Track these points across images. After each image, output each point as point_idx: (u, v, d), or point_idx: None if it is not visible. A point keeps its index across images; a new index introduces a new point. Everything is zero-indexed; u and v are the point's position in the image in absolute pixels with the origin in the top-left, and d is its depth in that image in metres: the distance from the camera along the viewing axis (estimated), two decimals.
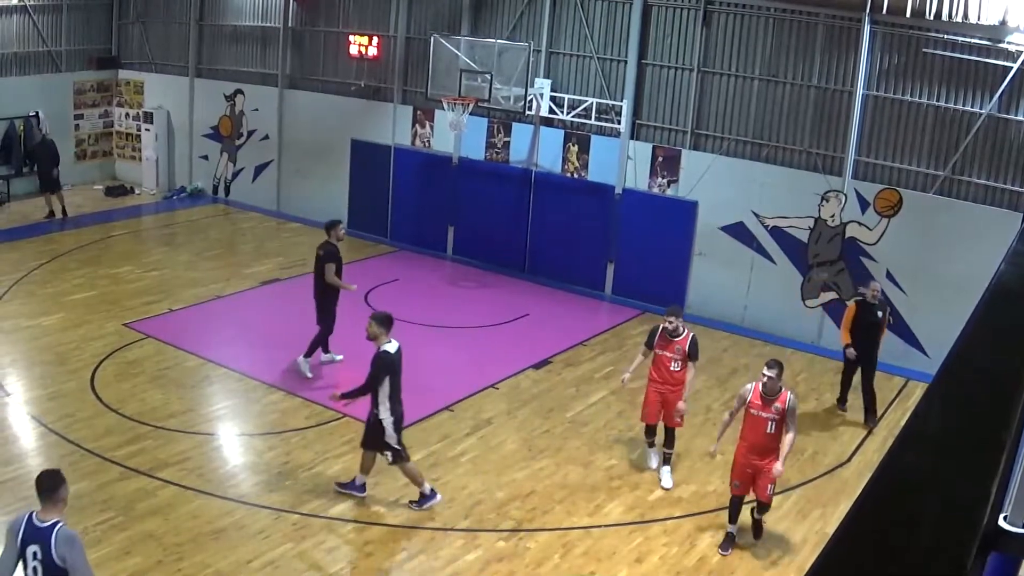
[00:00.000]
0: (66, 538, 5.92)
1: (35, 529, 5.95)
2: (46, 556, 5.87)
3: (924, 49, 13.40)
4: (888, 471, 1.69)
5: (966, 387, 2.16)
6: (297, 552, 8.35)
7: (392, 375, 8.89)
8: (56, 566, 5.85)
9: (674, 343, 9.82)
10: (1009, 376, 2.13)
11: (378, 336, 8.91)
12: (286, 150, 20.38)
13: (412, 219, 18.67)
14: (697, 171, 15.38)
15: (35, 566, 5.90)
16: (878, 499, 1.57)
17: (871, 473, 1.66)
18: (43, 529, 5.92)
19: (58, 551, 5.86)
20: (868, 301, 11.82)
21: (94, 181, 22.02)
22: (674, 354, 9.84)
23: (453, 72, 15.82)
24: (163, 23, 21.81)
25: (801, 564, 8.64)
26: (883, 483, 1.65)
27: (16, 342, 12.70)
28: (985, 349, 2.42)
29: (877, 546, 1.43)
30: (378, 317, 9.02)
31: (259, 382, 11.92)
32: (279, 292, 15.65)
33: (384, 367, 8.82)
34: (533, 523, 9.12)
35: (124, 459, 9.66)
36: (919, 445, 1.80)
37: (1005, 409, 1.90)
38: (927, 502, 1.59)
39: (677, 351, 9.83)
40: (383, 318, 9.02)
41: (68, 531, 6.01)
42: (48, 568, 5.87)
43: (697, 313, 15.63)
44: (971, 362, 2.30)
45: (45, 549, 5.87)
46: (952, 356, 2.26)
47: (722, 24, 15.09)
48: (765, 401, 8.58)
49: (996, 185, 13.23)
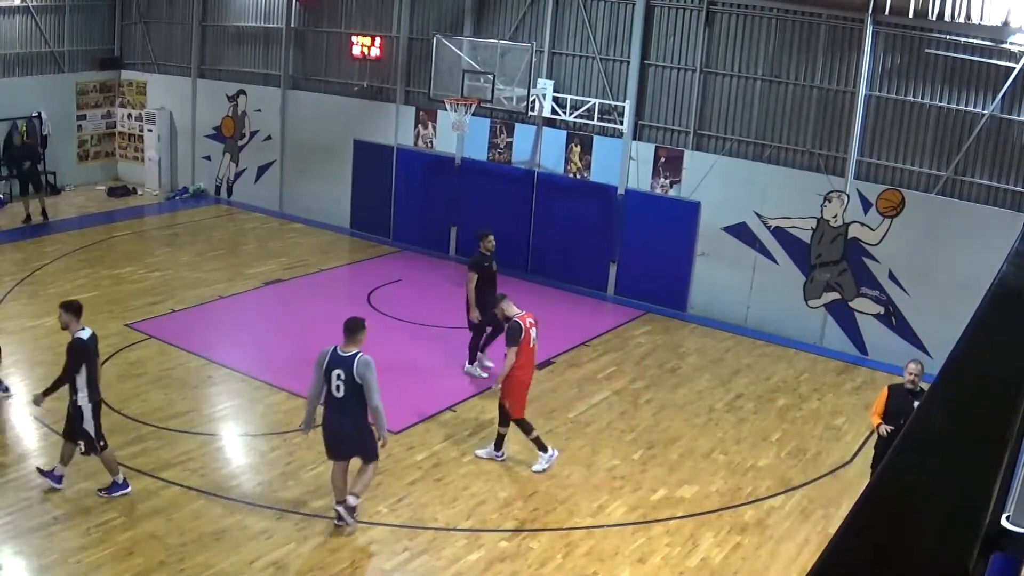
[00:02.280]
0: (364, 362, 8.18)
1: (339, 358, 8.22)
2: (348, 376, 8.14)
3: (927, 50, 13.39)
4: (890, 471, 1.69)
5: (968, 387, 2.16)
6: (299, 552, 8.35)
7: (88, 361, 8.85)
8: (355, 383, 8.14)
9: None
10: (1011, 376, 2.13)
11: (69, 324, 8.93)
12: (289, 151, 20.39)
13: (415, 220, 18.68)
14: (700, 171, 15.38)
15: (338, 384, 8.18)
16: (880, 499, 1.57)
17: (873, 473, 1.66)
18: (346, 358, 8.20)
19: (358, 371, 8.13)
20: (905, 387, 9.03)
21: (97, 182, 22.05)
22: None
23: (456, 73, 15.83)
24: (166, 23, 21.83)
25: (803, 564, 8.64)
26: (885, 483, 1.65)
27: (19, 342, 12.71)
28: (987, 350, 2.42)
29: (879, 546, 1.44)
30: (66, 305, 9.08)
31: (262, 382, 11.93)
32: (282, 293, 15.67)
33: (79, 354, 8.79)
34: (536, 523, 9.12)
35: (126, 460, 9.66)
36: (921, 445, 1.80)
37: (1007, 409, 1.90)
38: (929, 502, 1.59)
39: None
40: (71, 305, 9.05)
41: (366, 357, 8.22)
42: (349, 384, 8.15)
43: (700, 314, 15.65)
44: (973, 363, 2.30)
45: (348, 371, 8.13)
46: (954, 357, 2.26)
47: (725, 24, 15.09)
48: None
49: (998, 186, 13.22)
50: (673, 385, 12.81)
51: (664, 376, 13.10)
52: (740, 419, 11.85)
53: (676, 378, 13.08)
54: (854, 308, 14.35)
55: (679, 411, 11.95)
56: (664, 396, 12.39)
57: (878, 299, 14.10)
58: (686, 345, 14.54)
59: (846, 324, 14.44)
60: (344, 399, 8.23)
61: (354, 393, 8.20)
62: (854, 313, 14.35)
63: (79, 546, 8.12)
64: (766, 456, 10.84)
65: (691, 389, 12.70)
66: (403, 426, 10.92)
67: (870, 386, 13.15)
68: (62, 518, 8.53)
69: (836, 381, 13.37)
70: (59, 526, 8.40)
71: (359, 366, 8.13)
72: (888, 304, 14.02)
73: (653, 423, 11.55)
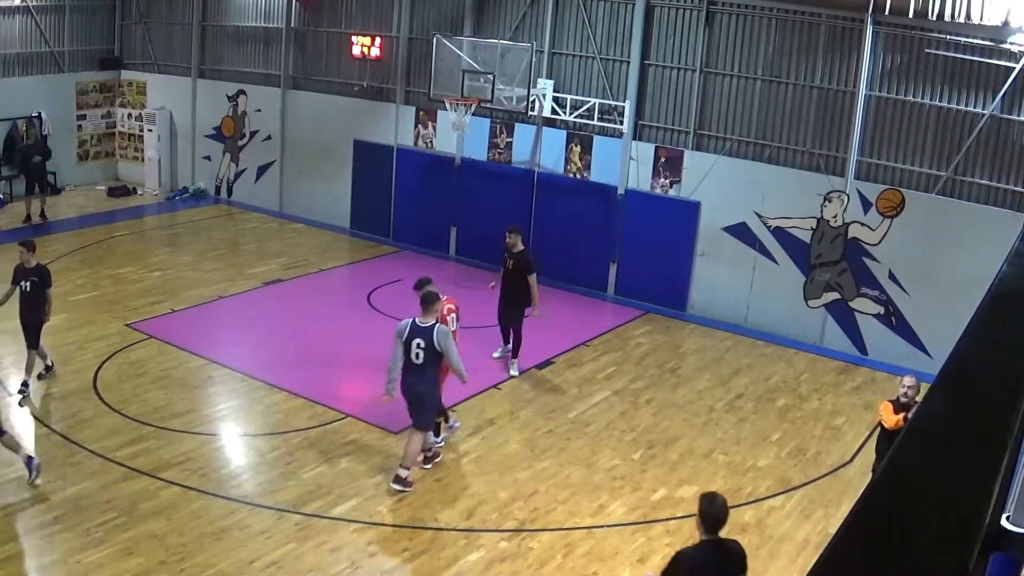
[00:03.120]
0: (443, 332, 9.16)
1: (419, 328, 9.17)
2: (428, 344, 9.09)
3: (927, 50, 13.39)
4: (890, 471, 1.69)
5: (968, 388, 2.16)
6: (299, 553, 8.35)
7: None
8: (435, 350, 9.10)
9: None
10: (1011, 376, 2.13)
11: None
12: (289, 151, 20.39)
13: (415, 220, 18.68)
14: (700, 171, 15.38)
15: (418, 352, 9.12)
16: (880, 499, 1.58)
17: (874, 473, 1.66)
18: (426, 328, 9.14)
19: (438, 340, 9.10)
20: (900, 401, 9.01)
21: (97, 182, 22.04)
22: None
23: (456, 73, 15.83)
24: (166, 23, 21.83)
25: (803, 564, 8.64)
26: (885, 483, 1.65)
27: (19, 342, 12.68)
28: (987, 349, 2.42)
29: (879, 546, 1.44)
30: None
31: (262, 382, 11.92)
32: (282, 293, 15.66)
33: None
34: (536, 523, 9.12)
35: (126, 460, 9.67)
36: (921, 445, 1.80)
37: (1007, 409, 1.90)
38: (929, 502, 1.59)
39: None
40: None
41: (443, 327, 9.26)
42: (428, 351, 9.10)
43: (700, 313, 15.65)
44: (973, 363, 2.31)
45: (428, 340, 9.09)
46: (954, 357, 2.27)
47: (725, 24, 15.09)
48: None
49: (998, 186, 13.22)
50: (673, 385, 12.81)
51: (664, 376, 13.10)
52: (740, 419, 11.85)
53: (676, 378, 13.08)
54: (854, 308, 14.35)
55: (679, 411, 11.95)
56: (664, 396, 12.39)
57: (878, 299, 14.10)
58: (686, 345, 14.54)
59: (846, 324, 14.45)
60: (422, 365, 9.19)
61: (432, 359, 9.17)
62: (854, 313, 14.36)
63: (79, 546, 8.12)
64: (766, 456, 10.84)
65: (691, 389, 12.70)
66: (403, 426, 10.91)
67: (870, 386, 13.16)
68: (62, 518, 8.53)
69: (836, 381, 13.37)
70: (59, 526, 8.40)
71: (438, 336, 9.11)
72: (888, 304, 14.03)
73: (653, 423, 11.55)
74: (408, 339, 9.17)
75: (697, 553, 5.94)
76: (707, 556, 5.92)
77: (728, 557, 5.97)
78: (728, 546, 6.06)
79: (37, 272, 11.28)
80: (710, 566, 5.92)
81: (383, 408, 11.25)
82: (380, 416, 11.00)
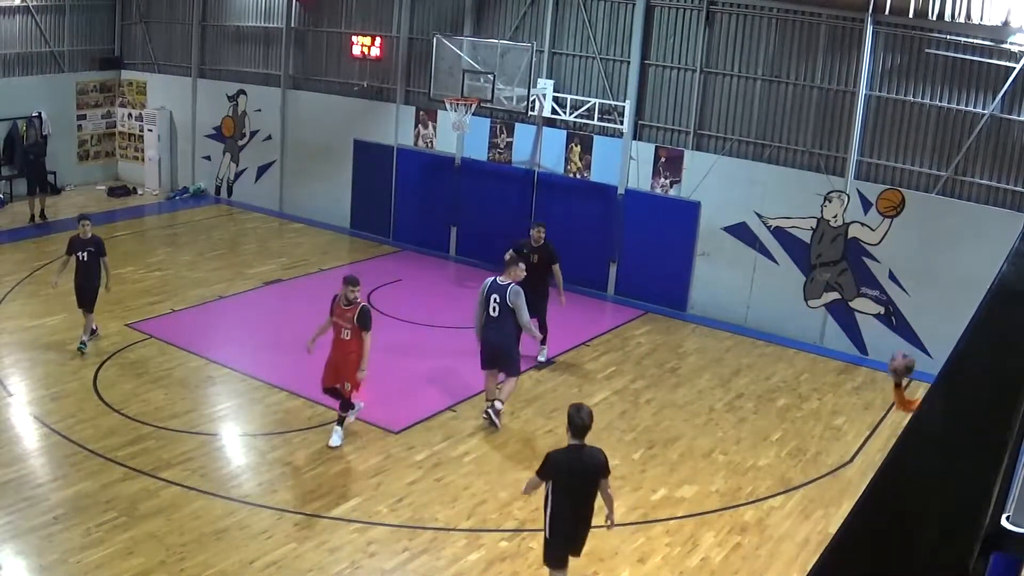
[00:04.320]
0: (515, 291, 10.55)
1: (498, 286, 10.63)
2: (502, 300, 10.53)
3: (927, 49, 13.39)
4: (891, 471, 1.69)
5: (968, 387, 2.16)
6: (299, 552, 8.36)
7: None
8: (507, 306, 10.50)
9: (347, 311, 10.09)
10: (1011, 376, 2.13)
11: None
12: (289, 150, 20.40)
13: (415, 219, 18.68)
14: (700, 171, 15.38)
15: (494, 306, 10.56)
16: (881, 499, 1.58)
17: (874, 473, 1.66)
18: (503, 286, 10.58)
19: (510, 298, 10.50)
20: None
21: (97, 182, 22.05)
22: (345, 323, 10.11)
23: (456, 72, 15.83)
24: (166, 23, 21.83)
25: (803, 564, 8.64)
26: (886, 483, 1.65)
27: (19, 342, 12.72)
28: (987, 349, 2.42)
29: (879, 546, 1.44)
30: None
31: (262, 382, 11.93)
32: (282, 292, 15.67)
33: None
34: (536, 523, 9.09)
35: (127, 459, 9.67)
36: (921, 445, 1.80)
37: (1007, 409, 1.90)
38: (929, 502, 1.59)
39: (348, 319, 10.09)
40: None
41: (516, 287, 10.57)
42: (502, 307, 10.52)
43: (700, 313, 15.65)
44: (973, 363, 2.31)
45: (502, 296, 10.53)
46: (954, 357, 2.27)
47: (725, 24, 15.09)
48: None
49: (999, 186, 13.22)
50: (673, 385, 12.81)
51: (664, 376, 13.10)
52: (740, 419, 11.85)
53: (676, 378, 13.08)
54: (854, 308, 14.35)
55: (679, 411, 11.95)
56: (664, 396, 12.39)
57: (878, 299, 14.10)
58: (686, 345, 14.54)
59: (846, 324, 14.45)
60: (498, 318, 10.56)
61: (507, 314, 10.52)
62: (854, 313, 14.36)
63: (79, 546, 8.12)
64: (766, 456, 10.84)
65: (691, 389, 12.70)
66: (403, 426, 10.93)
67: (870, 386, 13.16)
68: (62, 518, 8.53)
69: (836, 381, 13.37)
70: (59, 526, 8.40)
71: (511, 294, 10.50)
72: (888, 304, 14.03)
73: (653, 423, 11.55)
74: (487, 295, 10.59)
75: (562, 455, 7.31)
76: (571, 457, 7.26)
77: (588, 460, 7.25)
78: (588, 451, 7.28)
79: (93, 243, 12.61)
80: (573, 466, 7.22)
81: (383, 408, 11.28)
82: (380, 416, 11.01)
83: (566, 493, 7.23)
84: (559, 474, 7.21)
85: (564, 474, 7.21)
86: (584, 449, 7.25)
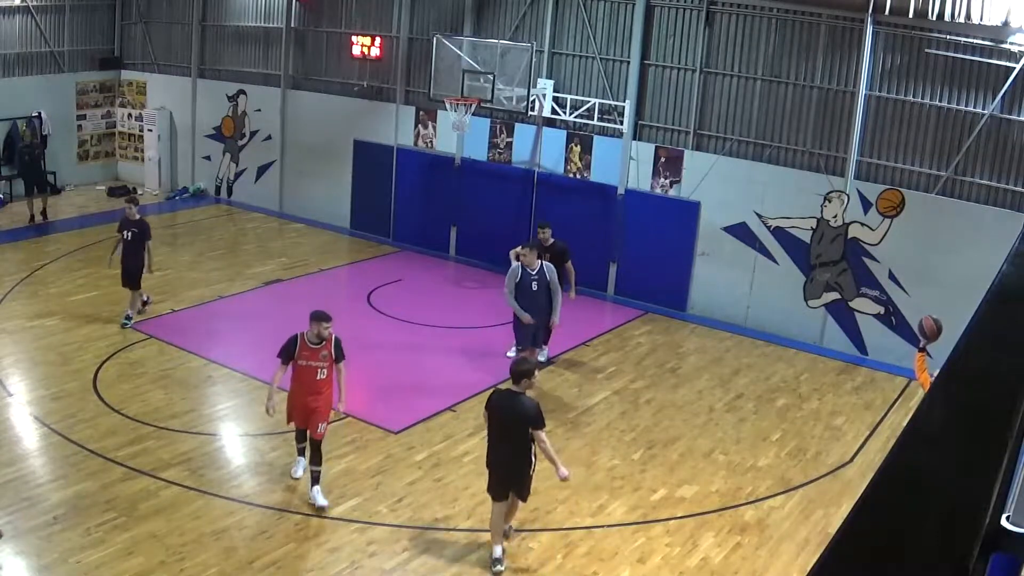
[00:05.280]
0: (550, 269, 11.96)
1: (528, 272, 11.85)
2: (541, 279, 11.86)
3: (927, 49, 13.39)
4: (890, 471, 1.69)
5: (968, 387, 2.16)
6: (299, 552, 8.35)
7: None
8: (545, 280, 11.88)
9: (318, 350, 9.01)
10: (1011, 376, 2.13)
11: None
12: (289, 151, 20.39)
13: (415, 219, 18.68)
14: (700, 171, 15.38)
15: (533, 283, 11.80)
16: (880, 499, 1.57)
17: (874, 473, 1.66)
18: (535, 270, 11.93)
19: (548, 277, 11.90)
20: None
21: (97, 182, 22.04)
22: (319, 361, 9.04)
23: (456, 72, 15.83)
24: (166, 23, 21.83)
25: (803, 564, 8.64)
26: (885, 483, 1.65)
27: (19, 342, 12.72)
28: (987, 350, 2.42)
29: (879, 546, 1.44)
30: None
31: (262, 382, 11.88)
32: (282, 292, 15.66)
33: None
34: (536, 523, 9.12)
35: (126, 459, 9.67)
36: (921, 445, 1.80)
37: (1007, 409, 1.90)
38: (929, 502, 1.59)
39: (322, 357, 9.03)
40: None
41: (550, 264, 12.06)
42: (540, 282, 11.85)
43: (700, 313, 15.65)
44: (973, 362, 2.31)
45: (540, 275, 11.87)
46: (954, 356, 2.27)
47: (725, 24, 15.09)
48: None
49: (998, 186, 13.21)
50: (673, 385, 12.81)
51: (664, 376, 13.10)
52: (740, 419, 11.85)
53: (676, 378, 13.08)
54: (854, 308, 14.35)
55: (679, 411, 11.95)
56: (664, 396, 12.39)
57: (878, 299, 14.10)
58: (686, 345, 14.54)
59: (846, 324, 14.45)
60: (536, 292, 11.88)
61: (544, 289, 11.90)
62: (854, 313, 14.36)
63: (79, 546, 8.12)
64: (766, 456, 10.84)
65: (691, 389, 12.70)
66: (403, 426, 10.93)
67: (870, 386, 13.17)
68: (62, 518, 8.53)
69: (836, 381, 13.37)
70: (59, 526, 8.40)
71: (548, 271, 11.95)
72: (888, 304, 14.03)
73: (653, 423, 11.55)
74: (523, 278, 11.83)
75: (498, 395, 8.33)
76: (503, 399, 8.21)
77: (519, 407, 8.07)
78: (520, 398, 8.09)
79: (138, 224, 13.53)
80: (503, 407, 8.16)
81: (383, 408, 11.27)
82: (380, 416, 11.01)
83: (498, 431, 8.20)
84: (491, 410, 8.22)
85: (496, 412, 8.19)
86: (518, 396, 8.09)
